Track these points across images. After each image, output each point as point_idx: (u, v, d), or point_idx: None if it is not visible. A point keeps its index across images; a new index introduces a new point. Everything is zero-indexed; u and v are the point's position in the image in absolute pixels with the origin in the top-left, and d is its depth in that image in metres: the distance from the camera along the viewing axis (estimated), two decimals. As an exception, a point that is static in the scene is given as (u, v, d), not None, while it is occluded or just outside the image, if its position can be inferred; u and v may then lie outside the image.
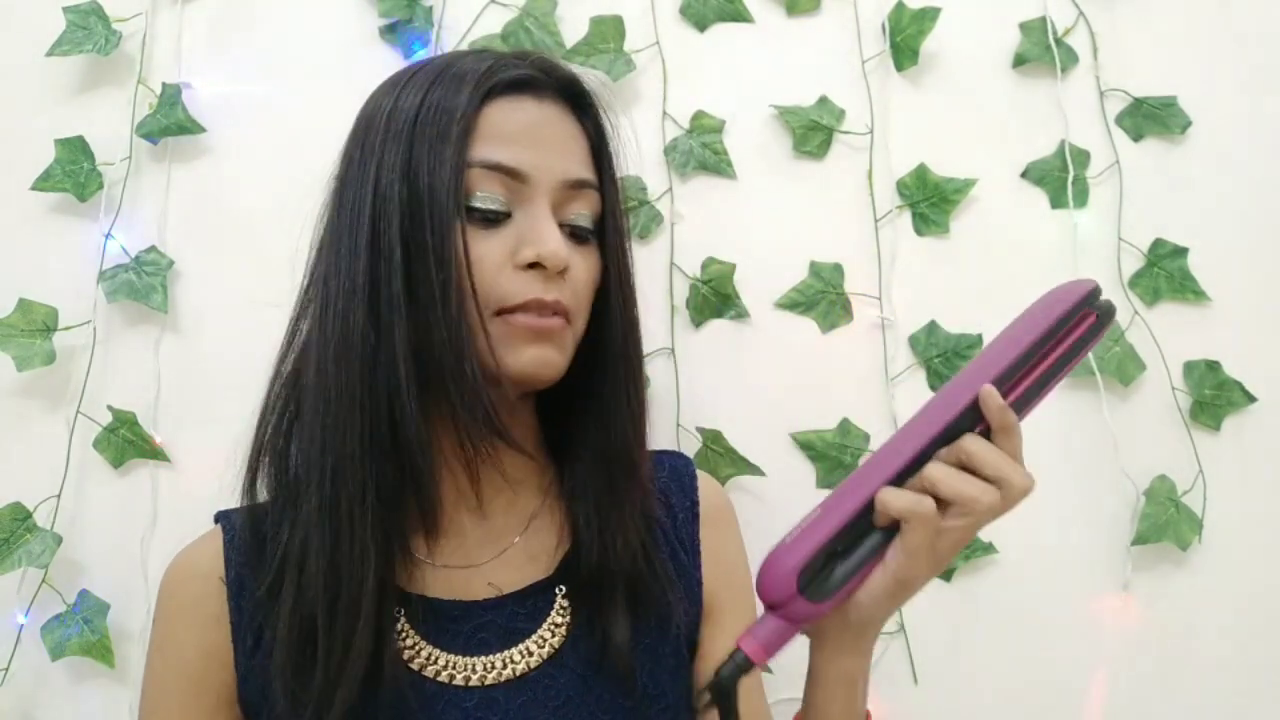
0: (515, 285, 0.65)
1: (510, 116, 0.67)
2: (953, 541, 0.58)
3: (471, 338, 0.64)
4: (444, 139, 0.64)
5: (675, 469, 0.81)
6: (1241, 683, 1.03)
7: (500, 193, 0.65)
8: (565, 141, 0.69)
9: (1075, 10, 1.08)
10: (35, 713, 1.00)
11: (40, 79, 1.06)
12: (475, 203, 0.65)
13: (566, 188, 0.67)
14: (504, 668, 0.67)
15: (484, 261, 0.64)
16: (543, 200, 0.66)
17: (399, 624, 0.67)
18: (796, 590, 0.56)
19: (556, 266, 0.64)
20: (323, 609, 0.63)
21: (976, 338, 1.05)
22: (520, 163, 0.65)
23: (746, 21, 1.08)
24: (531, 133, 0.67)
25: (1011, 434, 0.58)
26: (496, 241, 0.65)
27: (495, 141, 0.65)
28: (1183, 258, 1.06)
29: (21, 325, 1.00)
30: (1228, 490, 1.04)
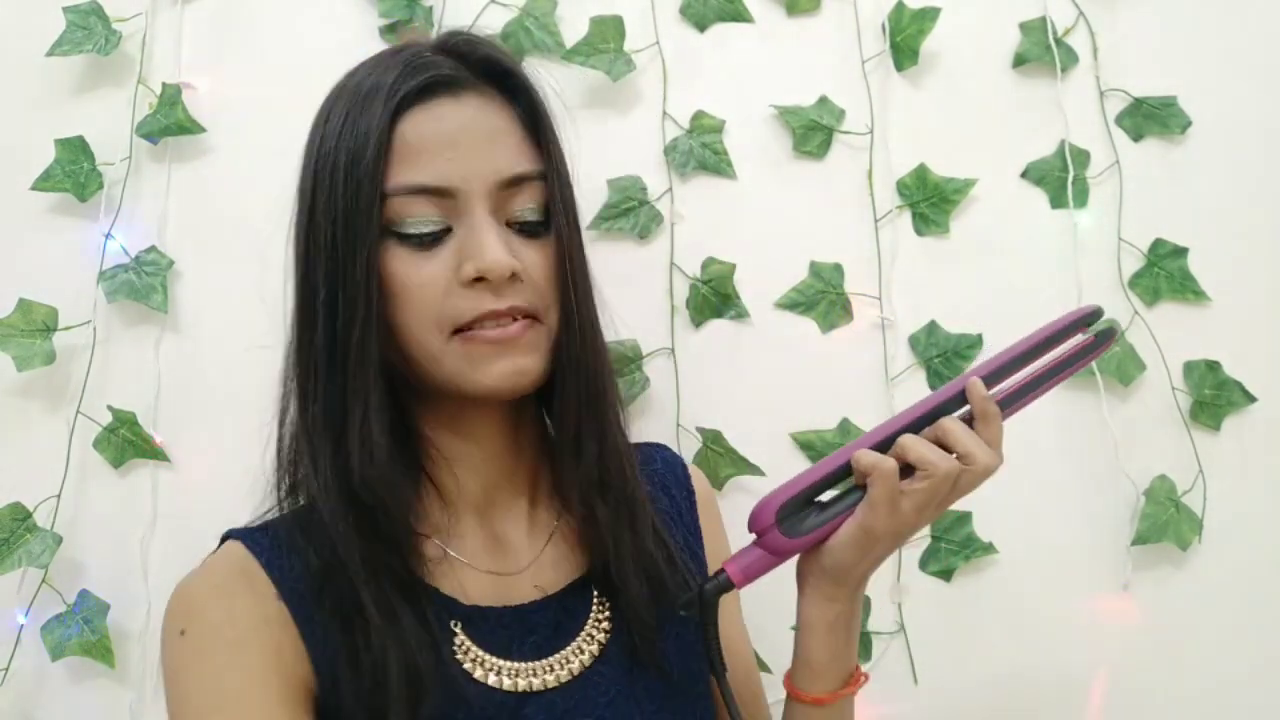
0: (465, 303, 0.62)
1: (426, 130, 0.63)
2: (915, 503, 0.62)
3: (437, 364, 0.63)
4: (358, 169, 0.62)
5: (667, 460, 0.82)
6: (1241, 682, 1.03)
7: (433, 213, 0.63)
8: (492, 138, 0.64)
9: (1075, 10, 1.08)
10: (35, 713, 1.00)
11: (40, 79, 1.06)
12: (406, 229, 0.62)
13: (502, 187, 0.64)
14: (561, 669, 0.67)
15: (427, 287, 0.62)
16: (479, 208, 0.63)
17: (458, 637, 0.66)
18: (774, 521, 0.64)
19: (500, 277, 0.62)
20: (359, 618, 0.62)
21: (976, 338, 1.05)
22: (446, 179, 0.62)
23: (746, 21, 1.08)
24: (453, 141, 0.63)
25: (990, 421, 0.64)
26: (438, 262, 0.63)
27: (413, 162, 0.62)
28: (1183, 258, 1.06)
29: (21, 325, 1.00)
30: (1228, 490, 1.04)
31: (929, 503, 0.63)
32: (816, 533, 0.64)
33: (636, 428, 1.02)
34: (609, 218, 1.04)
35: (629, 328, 1.02)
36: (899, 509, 0.62)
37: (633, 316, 1.02)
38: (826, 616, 0.67)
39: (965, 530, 1.03)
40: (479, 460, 0.70)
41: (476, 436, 0.70)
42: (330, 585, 0.63)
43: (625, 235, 1.05)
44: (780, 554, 0.65)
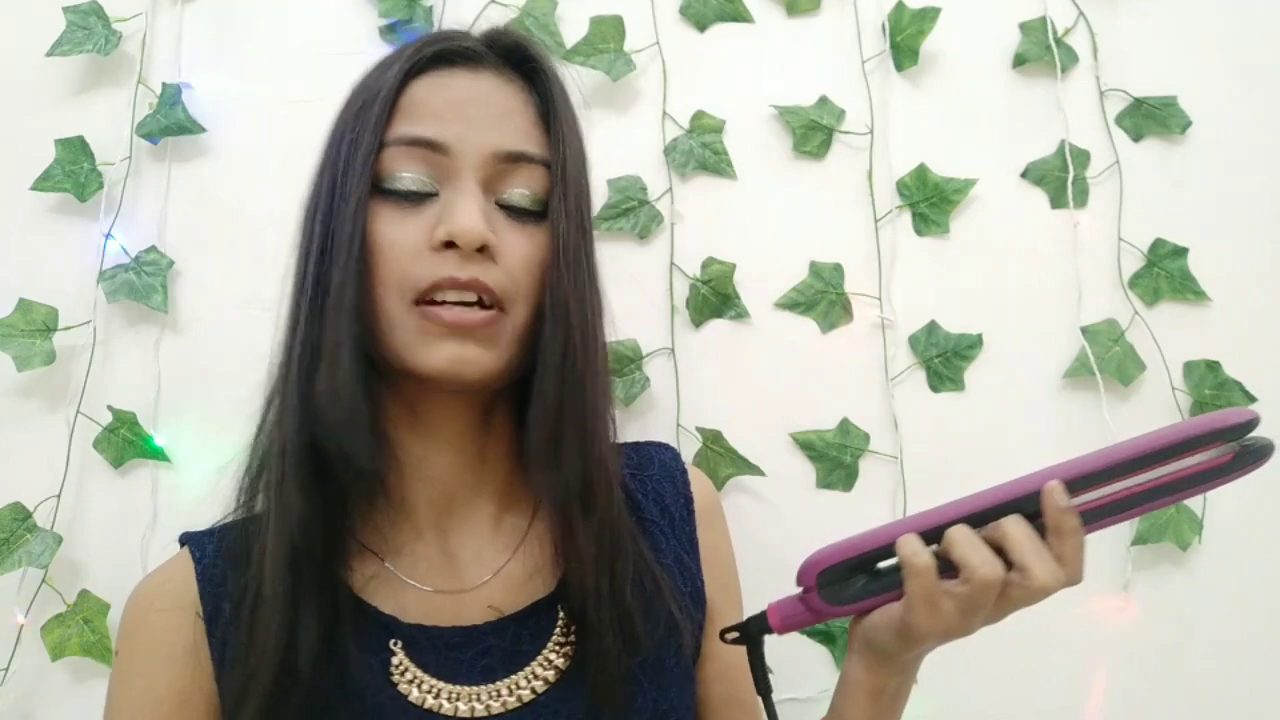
0: (428, 267, 0.60)
1: (435, 92, 0.62)
2: (958, 606, 0.56)
3: (388, 331, 0.60)
4: (365, 118, 0.61)
5: (665, 464, 0.78)
6: (1241, 682, 1.03)
7: (422, 170, 0.61)
8: (502, 113, 0.63)
9: (1075, 10, 1.08)
10: (35, 713, 1.00)
11: (40, 79, 1.06)
12: (394, 184, 0.61)
13: (499, 161, 0.62)
14: (509, 694, 0.64)
15: (398, 246, 0.60)
16: (468, 175, 0.61)
17: (396, 657, 0.63)
18: (814, 584, 0.60)
19: (471, 244, 0.59)
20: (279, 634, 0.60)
21: (976, 337, 1.05)
22: (441, 135, 0.61)
23: (746, 21, 1.08)
24: (459, 106, 0.62)
25: (1065, 537, 0.55)
26: (416, 224, 0.60)
27: (416, 116, 0.61)
28: (1183, 258, 1.06)
29: (21, 325, 1.00)
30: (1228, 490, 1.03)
31: (973, 609, 0.56)
32: (855, 606, 0.60)
33: (636, 428, 1.02)
34: (609, 218, 1.04)
35: (629, 328, 1.03)
36: (939, 609, 0.56)
37: (633, 316, 1.03)
38: (869, 684, 0.63)
39: (965, 530, 1.03)
40: (439, 464, 0.66)
41: (438, 437, 0.66)
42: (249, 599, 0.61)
43: (625, 235, 1.05)
44: (818, 616, 0.61)
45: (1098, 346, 1.04)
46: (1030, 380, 1.06)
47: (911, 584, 0.56)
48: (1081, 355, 1.04)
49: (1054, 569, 0.55)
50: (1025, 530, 0.56)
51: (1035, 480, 0.57)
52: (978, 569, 0.55)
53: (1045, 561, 0.55)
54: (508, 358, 0.62)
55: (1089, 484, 0.56)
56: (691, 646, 0.72)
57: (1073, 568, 0.55)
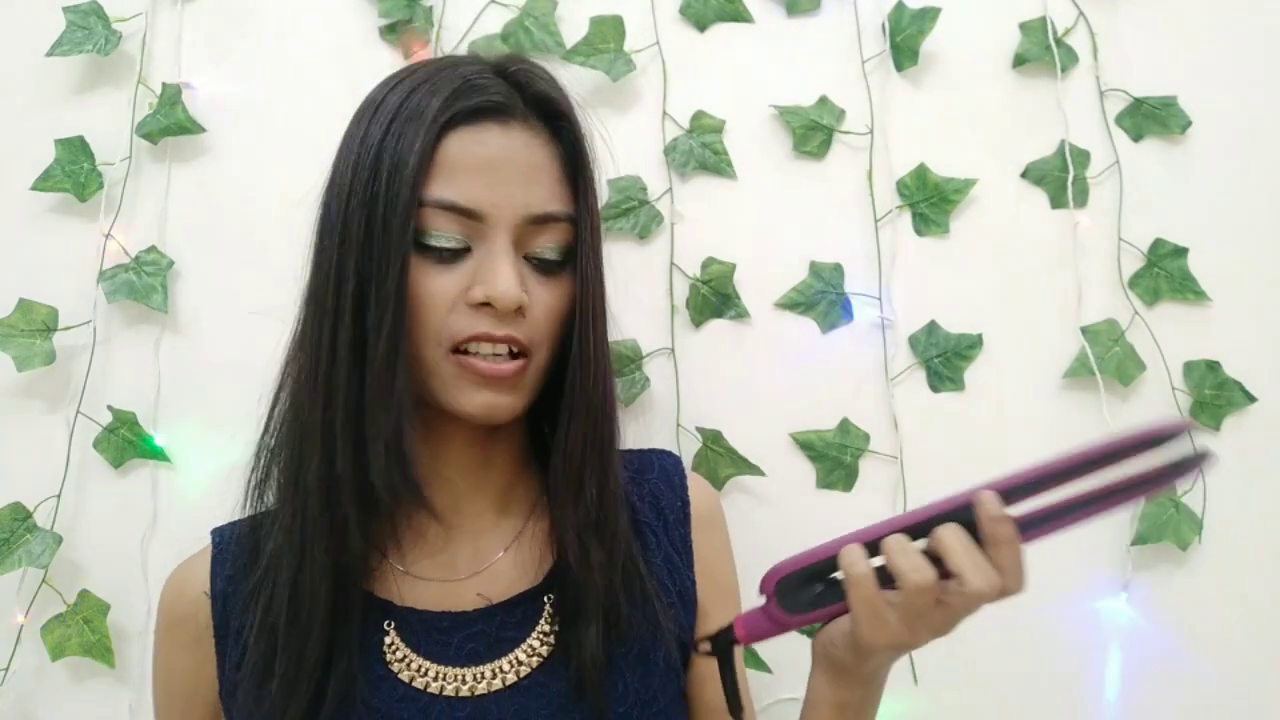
0: (466, 321, 0.64)
1: (469, 150, 0.64)
2: (898, 616, 0.57)
3: (427, 376, 0.65)
4: (400, 175, 0.63)
5: (665, 469, 0.81)
6: (1241, 683, 1.03)
7: (456, 230, 0.64)
8: (531, 173, 0.66)
9: (1075, 10, 1.08)
10: (35, 713, 1.00)
11: (40, 79, 1.06)
12: (430, 240, 0.64)
13: (529, 223, 0.65)
14: (494, 677, 0.68)
15: (436, 299, 0.64)
16: (501, 237, 0.64)
17: (389, 637, 0.68)
18: (772, 592, 0.61)
19: (507, 307, 0.63)
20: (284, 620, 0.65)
21: (976, 337, 1.05)
22: (476, 202, 0.63)
23: (746, 21, 1.08)
24: (490, 167, 0.64)
25: (1000, 545, 0.56)
26: (451, 279, 0.64)
27: (450, 179, 0.63)
28: (1183, 258, 1.06)
29: (21, 325, 1.01)
30: (1228, 490, 1.04)
31: (913, 616, 0.57)
32: (809, 615, 0.61)
33: (636, 428, 1.02)
34: (609, 218, 1.04)
35: (629, 328, 1.03)
36: (883, 619, 0.58)
37: (633, 316, 1.03)
38: (832, 698, 0.65)
39: (965, 530, 1.03)
40: (448, 472, 0.71)
41: (450, 452, 0.71)
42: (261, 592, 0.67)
43: (625, 235, 1.05)
44: (778, 625, 0.62)
45: (1098, 346, 1.04)
46: (1030, 380, 1.06)
47: (852, 594, 0.58)
48: (1081, 355, 1.04)
49: (990, 576, 0.56)
50: (960, 538, 0.57)
51: (972, 492, 0.58)
52: (909, 575, 0.56)
53: (981, 569, 0.56)
54: (530, 398, 0.68)
55: (1024, 493, 0.57)
56: (679, 636, 0.75)
57: (1011, 576, 0.57)
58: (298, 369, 0.68)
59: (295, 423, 0.67)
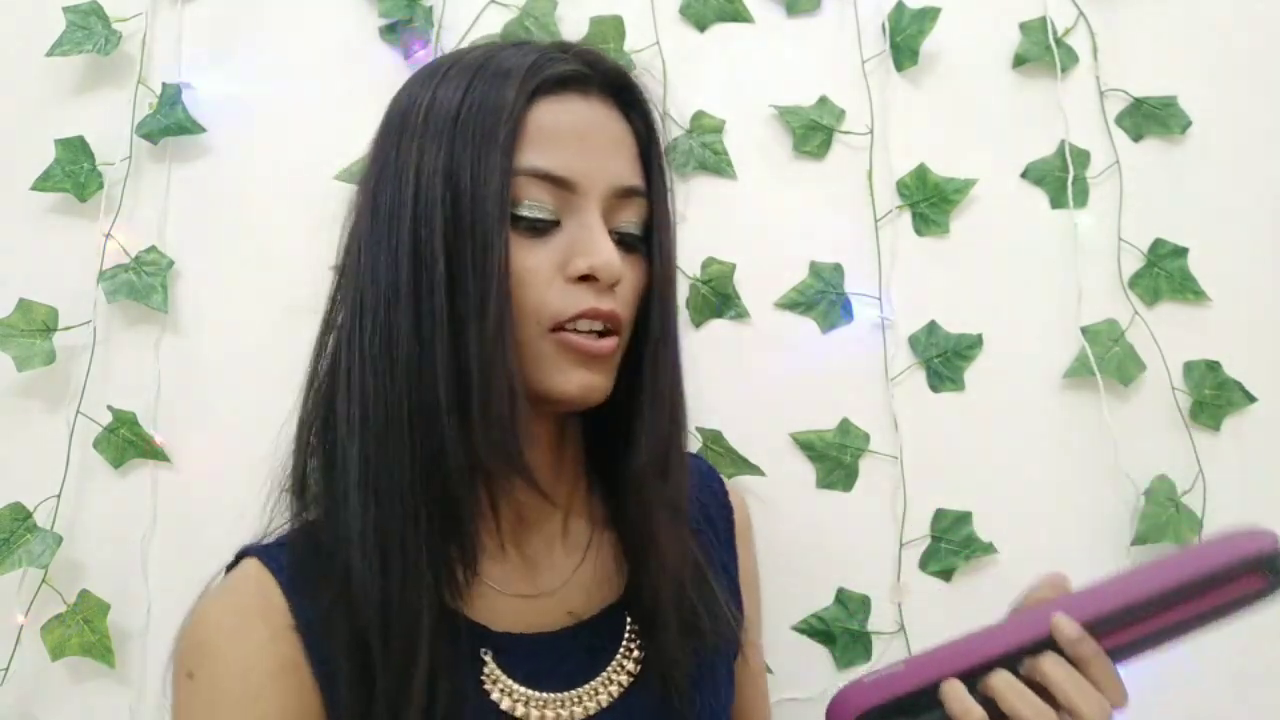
0: (567, 299, 0.60)
1: (558, 119, 0.61)
2: None
3: (519, 355, 0.60)
4: (490, 142, 0.59)
5: (703, 474, 0.79)
6: (1241, 683, 1.03)
7: (549, 201, 0.61)
8: (614, 144, 0.64)
9: (1075, 10, 1.08)
10: (35, 713, 1.00)
11: (40, 79, 1.06)
12: (523, 211, 0.60)
13: (616, 195, 0.63)
14: (590, 700, 0.65)
15: (533, 274, 0.60)
16: (593, 208, 0.61)
17: (487, 666, 0.63)
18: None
19: (611, 278, 0.60)
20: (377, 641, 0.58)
21: (976, 338, 1.05)
22: (570, 171, 0.61)
23: (746, 21, 1.08)
24: (580, 136, 0.62)
25: (1091, 664, 0.55)
26: (545, 253, 0.61)
27: (543, 147, 0.60)
28: (1183, 258, 1.06)
29: (21, 325, 1.00)
30: (1228, 490, 1.04)
31: None
32: None
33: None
34: (609, 218, 1.04)
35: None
36: None
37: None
38: None
39: (965, 530, 1.03)
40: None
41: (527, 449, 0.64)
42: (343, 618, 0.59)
43: (625, 235, 1.05)
44: None
45: (1098, 346, 1.04)
46: (1030, 380, 1.06)
47: None
48: (1081, 355, 1.04)
49: (1099, 701, 0.54)
50: (1064, 670, 0.55)
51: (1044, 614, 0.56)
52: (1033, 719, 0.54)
53: (1089, 695, 0.54)
54: (614, 380, 0.64)
55: (1112, 622, 0.55)
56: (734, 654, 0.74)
57: (1113, 692, 0.55)
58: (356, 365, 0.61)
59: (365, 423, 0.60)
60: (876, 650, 1.02)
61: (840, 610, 1.02)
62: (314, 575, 0.61)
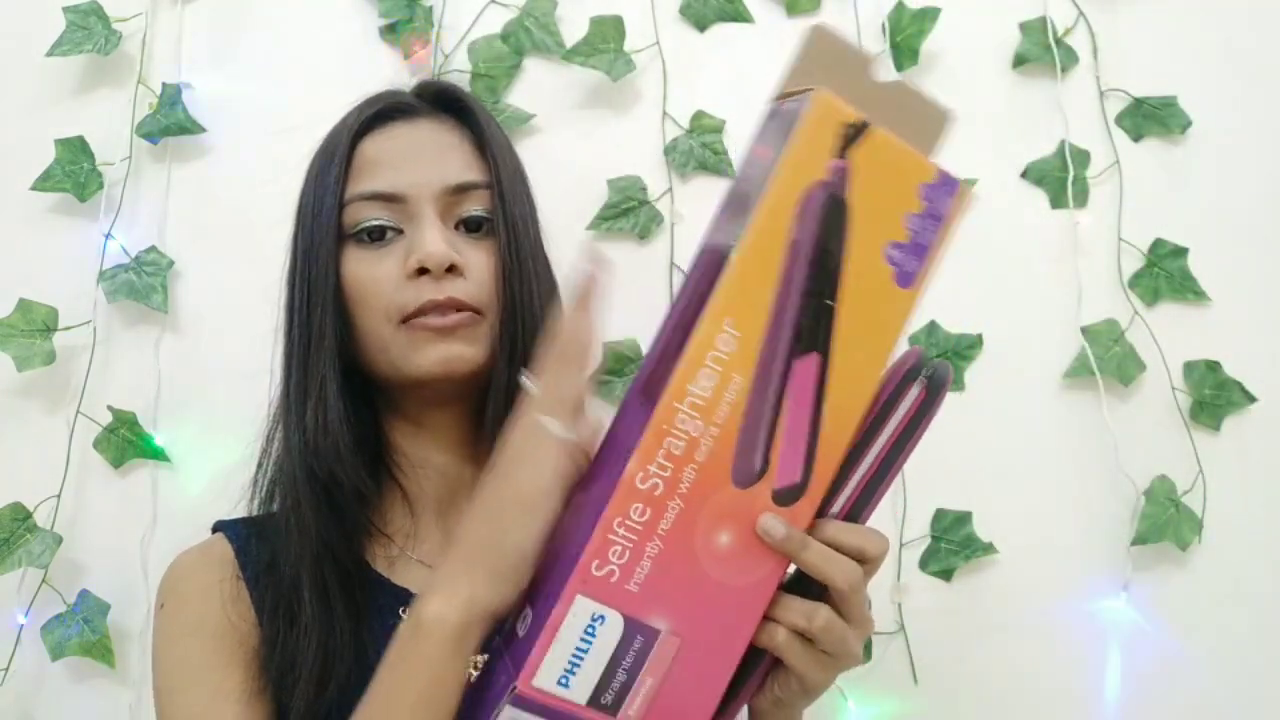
0: (410, 294, 0.68)
1: (381, 146, 0.72)
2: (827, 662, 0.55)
3: (384, 352, 0.70)
4: (325, 178, 0.72)
5: None
6: (1241, 683, 1.03)
7: (385, 215, 0.70)
8: (442, 152, 0.73)
9: (1075, 10, 1.08)
10: (35, 713, 1.00)
11: (40, 79, 1.06)
12: (361, 228, 0.70)
13: (449, 194, 0.71)
14: None
15: (379, 281, 0.69)
16: (427, 211, 0.70)
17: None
18: None
19: (439, 266, 0.67)
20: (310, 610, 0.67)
21: (976, 338, 1.05)
22: (394, 185, 0.70)
23: (746, 21, 1.08)
24: (403, 155, 0.72)
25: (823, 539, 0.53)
26: (389, 261, 0.70)
27: (369, 172, 0.71)
28: (1183, 258, 1.06)
29: (21, 325, 1.00)
30: (1228, 490, 1.04)
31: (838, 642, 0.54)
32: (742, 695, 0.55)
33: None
34: (609, 218, 1.04)
35: (629, 328, 1.02)
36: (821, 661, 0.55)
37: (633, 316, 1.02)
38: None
39: (965, 530, 1.03)
40: (441, 462, 0.74)
41: (438, 439, 0.74)
42: (278, 571, 0.69)
43: (625, 235, 1.05)
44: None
45: (1098, 346, 1.04)
46: (1030, 380, 1.06)
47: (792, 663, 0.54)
48: (1081, 355, 1.04)
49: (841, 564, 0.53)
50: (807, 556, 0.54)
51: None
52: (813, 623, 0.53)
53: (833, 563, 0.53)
54: (487, 354, 0.71)
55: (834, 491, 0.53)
56: None
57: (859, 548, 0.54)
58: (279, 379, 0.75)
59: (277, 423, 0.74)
60: (876, 650, 1.02)
61: (840, 610, 1.02)
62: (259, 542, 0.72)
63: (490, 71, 1.05)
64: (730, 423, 0.50)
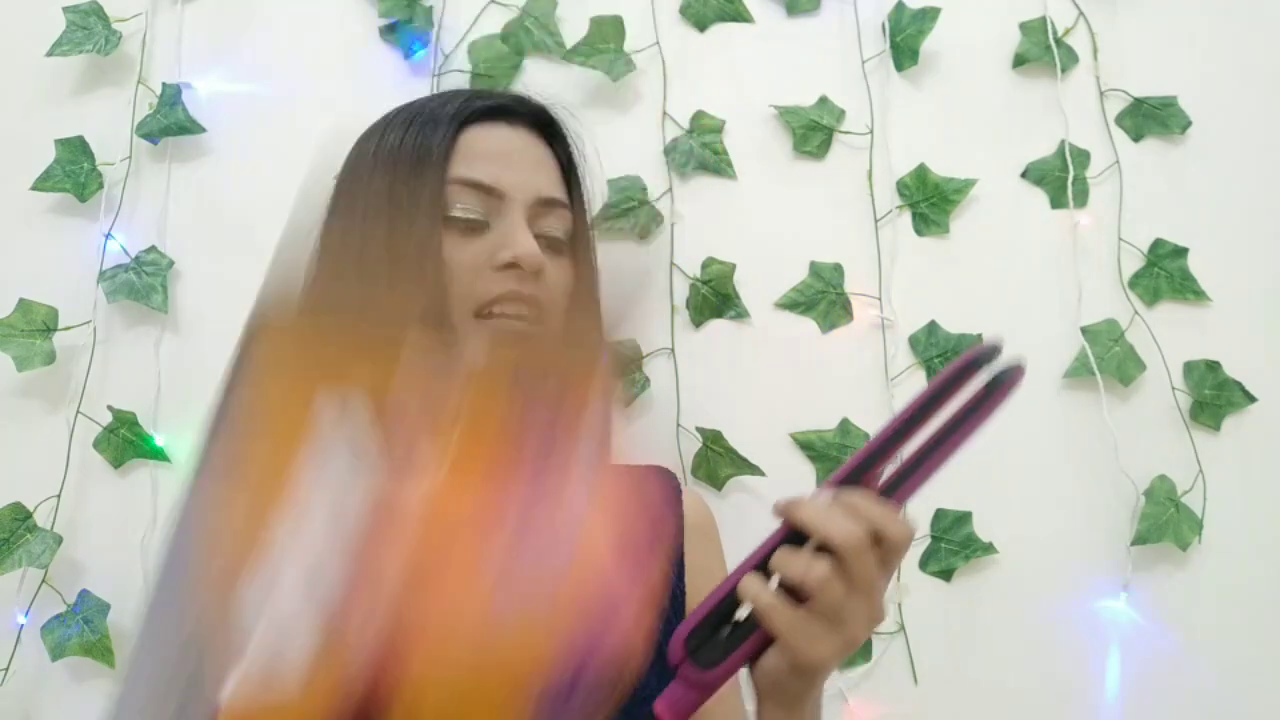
0: (494, 283, 0.68)
1: (486, 140, 0.72)
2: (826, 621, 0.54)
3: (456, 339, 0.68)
4: (425, 161, 0.70)
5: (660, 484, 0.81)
6: (1241, 683, 1.03)
7: (478, 205, 0.70)
8: (537, 163, 0.74)
9: (1075, 10, 1.08)
10: (35, 713, 1.00)
11: (40, 79, 1.06)
12: (455, 212, 0.69)
13: (539, 204, 0.72)
14: None
15: (464, 265, 0.68)
16: (518, 212, 0.70)
17: None
18: (685, 654, 0.56)
19: (532, 266, 0.68)
20: None
21: (976, 338, 1.05)
22: (496, 180, 0.70)
23: (746, 21, 1.08)
24: (506, 153, 0.72)
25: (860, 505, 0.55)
26: (476, 248, 0.69)
27: (472, 160, 0.71)
28: (1183, 258, 1.06)
29: (21, 325, 1.00)
30: (1228, 490, 1.04)
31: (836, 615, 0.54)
32: (731, 660, 0.55)
33: (636, 428, 1.02)
34: (609, 218, 1.04)
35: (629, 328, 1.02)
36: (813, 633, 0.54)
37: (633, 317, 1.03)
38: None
39: (965, 530, 1.03)
40: None
41: None
42: None
43: (625, 235, 1.05)
44: (705, 688, 0.55)
45: (1098, 346, 1.04)
46: (1030, 380, 1.05)
47: (770, 622, 0.54)
48: (1081, 355, 1.04)
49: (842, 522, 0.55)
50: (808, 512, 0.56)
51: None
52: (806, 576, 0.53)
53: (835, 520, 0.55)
54: None
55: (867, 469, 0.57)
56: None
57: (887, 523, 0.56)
58: None
59: None
60: (876, 650, 1.02)
61: (840, 610, 1.02)
62: None
63: (490, 71, 1.05)
64: None
